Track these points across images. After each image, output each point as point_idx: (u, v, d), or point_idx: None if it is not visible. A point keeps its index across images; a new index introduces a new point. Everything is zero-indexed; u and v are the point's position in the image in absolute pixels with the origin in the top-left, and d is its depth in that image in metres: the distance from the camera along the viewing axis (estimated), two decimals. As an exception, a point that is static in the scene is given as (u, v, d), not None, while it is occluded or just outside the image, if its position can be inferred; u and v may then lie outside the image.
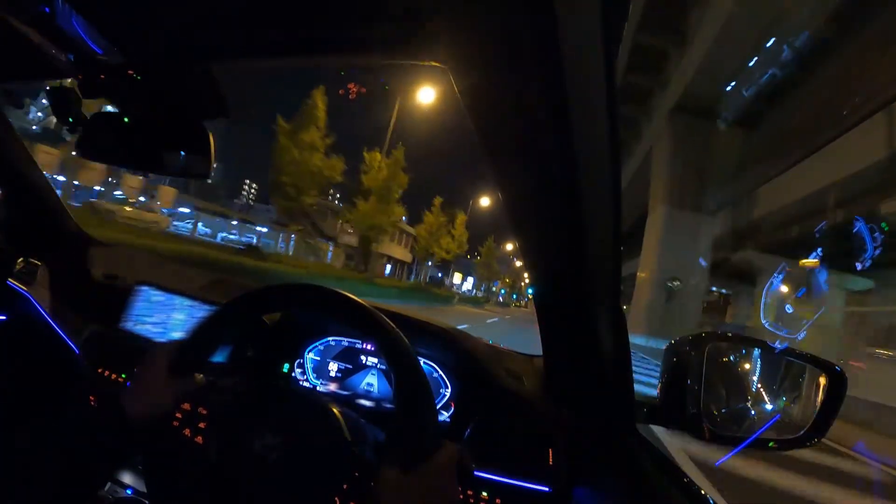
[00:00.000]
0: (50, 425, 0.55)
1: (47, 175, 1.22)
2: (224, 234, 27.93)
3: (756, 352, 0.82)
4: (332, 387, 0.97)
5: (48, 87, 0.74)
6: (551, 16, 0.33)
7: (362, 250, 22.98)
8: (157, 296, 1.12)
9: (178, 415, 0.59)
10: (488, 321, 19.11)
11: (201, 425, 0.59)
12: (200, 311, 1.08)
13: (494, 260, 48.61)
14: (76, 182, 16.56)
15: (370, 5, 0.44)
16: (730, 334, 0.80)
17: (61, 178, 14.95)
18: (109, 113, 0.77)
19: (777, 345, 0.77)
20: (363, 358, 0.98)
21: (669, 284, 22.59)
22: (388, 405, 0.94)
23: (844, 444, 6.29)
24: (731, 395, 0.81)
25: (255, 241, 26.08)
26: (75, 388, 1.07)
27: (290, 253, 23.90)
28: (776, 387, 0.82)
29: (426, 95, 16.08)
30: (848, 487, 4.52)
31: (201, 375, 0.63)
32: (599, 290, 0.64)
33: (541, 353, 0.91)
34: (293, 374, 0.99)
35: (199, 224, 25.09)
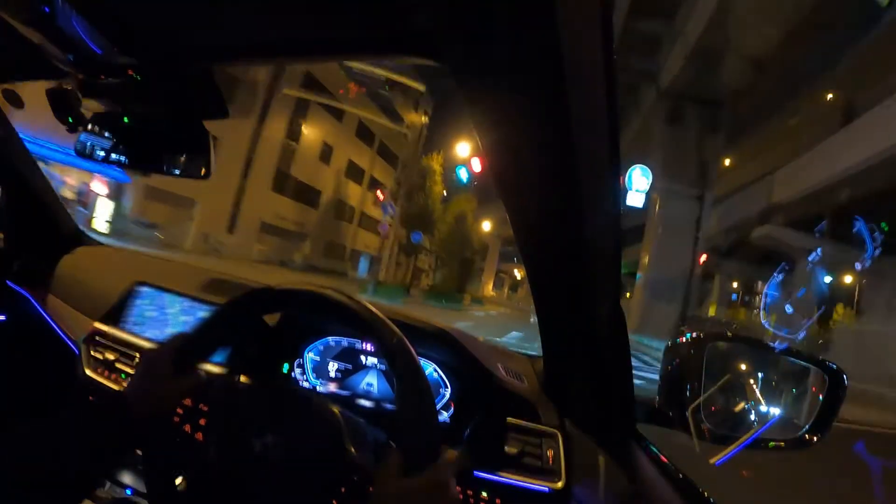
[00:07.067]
0: (49, 425, 0.55)
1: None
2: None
3: (756, 352, 0.82)
4: (332, 387, 0.97)
5: (48, 88, 0.74)
6: (552, 13, 0.33)
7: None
8: (156, 296, 1.12)
9: (180, 411, 0.59)
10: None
11: (202, 422, 0.59)
12: (200, 311, 1.08)
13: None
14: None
15: (370, 5, 0.44)
16: (730, 334, 0.80)
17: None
18: (109, 113, 0.77)
19: (777, 345, 0.77)
20: (363, 358, 0.98)
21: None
22: (388, 405, 0.94)
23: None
24: (731, 395, 0.81)
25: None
26: (75, 388, 1.07)
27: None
28: (776, 387, 0.82)
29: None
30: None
31: (202, 373, 0.63)
32: (599, 289, 0.64)
33: (540, 353, 0.91)
34: (293, 374, 0.99)
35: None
